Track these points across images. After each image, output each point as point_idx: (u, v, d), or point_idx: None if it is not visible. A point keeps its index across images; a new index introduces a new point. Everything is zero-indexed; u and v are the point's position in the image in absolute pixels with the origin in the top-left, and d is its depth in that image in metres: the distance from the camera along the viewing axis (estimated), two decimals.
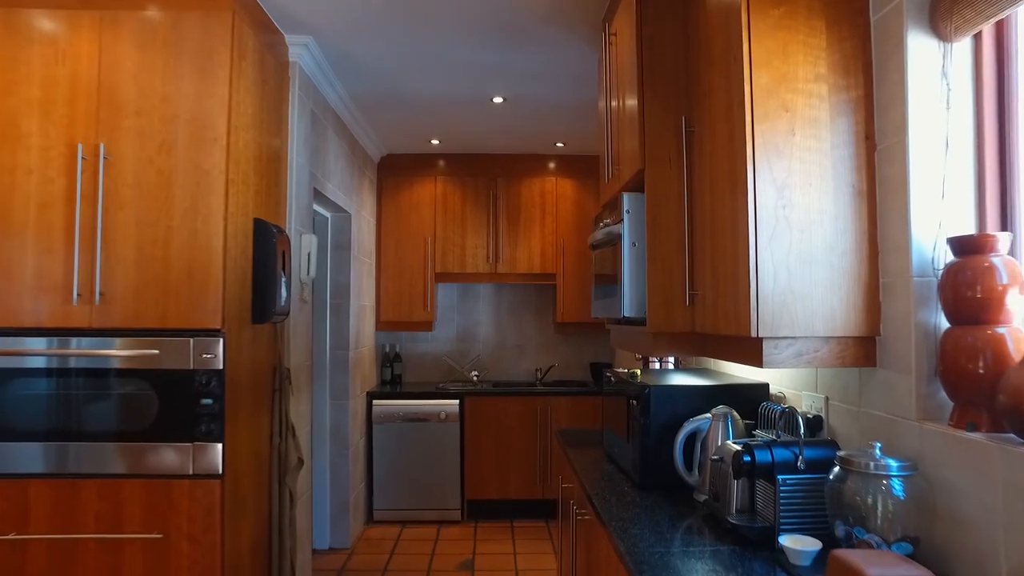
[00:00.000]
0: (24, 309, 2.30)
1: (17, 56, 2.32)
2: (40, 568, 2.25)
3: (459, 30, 2.90)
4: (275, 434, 2.72)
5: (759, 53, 1.57)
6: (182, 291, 2.29)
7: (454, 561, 3.98)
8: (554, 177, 5.12)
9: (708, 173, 1.83)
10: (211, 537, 2.27)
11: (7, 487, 2.26)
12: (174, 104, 2.33)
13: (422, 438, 4.70)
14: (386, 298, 5.01)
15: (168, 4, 2.36)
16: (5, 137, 2.30)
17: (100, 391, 2.29)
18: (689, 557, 1.49)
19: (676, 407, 2.03)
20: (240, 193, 2.43)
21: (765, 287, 1.53)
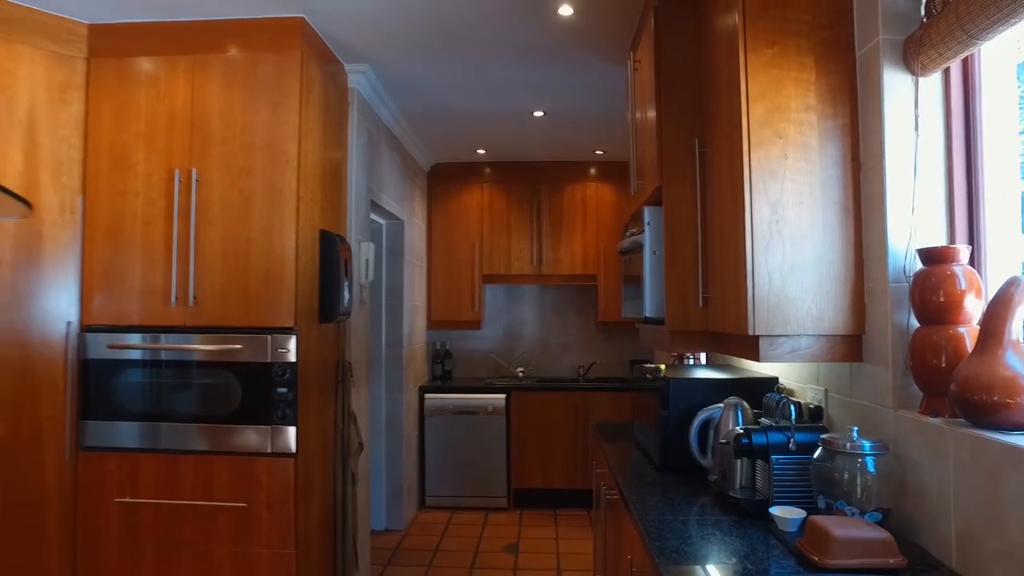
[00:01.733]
0: (132, 310, 2.70)
1: (128, 98, 2.73)
2: (149, 526, 2.66)
3: (500, 53, 3.19)
4: (339, 421, 3.07)
5: (754, 88, 1.81)
6: (260, 294, 2.66)
7: (500, 544, 4.29)
8: (594, 183, 5.37)
9: (717, 190, 2.07)
10: (286, 509, 2.63)
11: (122, 459, 2.68)
12: (252, 133, 2.69)
13: (471, 430, 5.02)
14: (437, 298, 5.35)
15: (247, 46, 2.73)
16: (118, 166, 2.71)
17: (194, 380, 2.67)
18: (694, 524, 1.74)
19: (693, 398, 2.28)
20: (308, 208, 2.78)
21: (761, 291, 1.77)
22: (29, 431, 2.62)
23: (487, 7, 2.71)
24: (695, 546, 1.57)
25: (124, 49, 2.77)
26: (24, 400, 2.61)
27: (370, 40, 3.02)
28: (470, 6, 2.70)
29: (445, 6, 2.70)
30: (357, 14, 2.75)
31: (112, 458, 2.71)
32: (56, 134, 2.69)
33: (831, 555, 1.41)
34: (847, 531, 1.43)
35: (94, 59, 2.78)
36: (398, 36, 2.98)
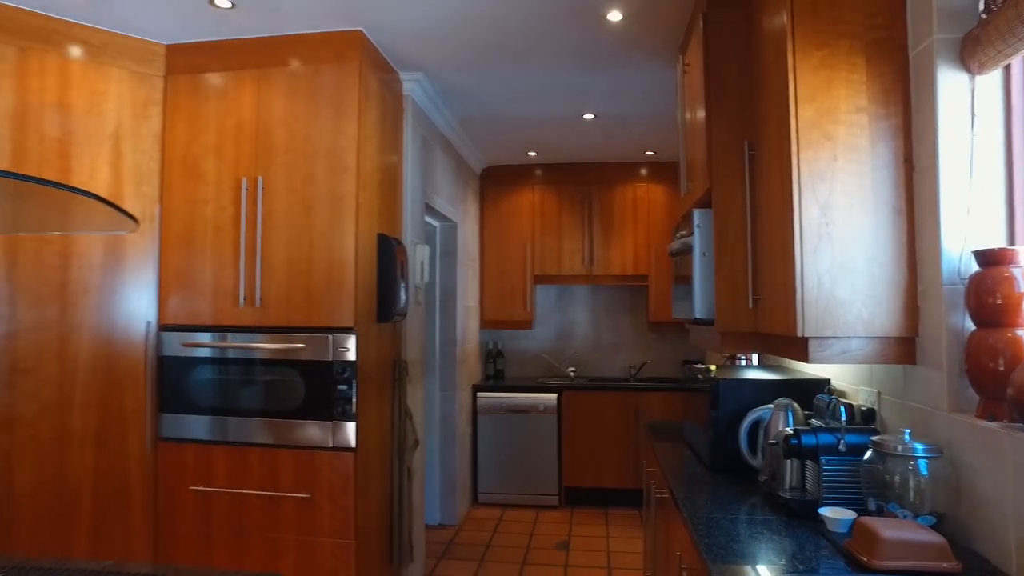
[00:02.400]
0: (204, 310, 2.88)
1: (199, 111, 2.91)
2: (221, 513, 2.82)
3: (551, 59, 3.25)
4: (395, 417, 3.19)
5: (803, 90, 1.82)
6: (322, 296, 2.79)
7: (551, 541, 4.34)
8: (645, 183, 5.37)
9: (766, 191, 2.08)
10: (347, 500, 2.75)
11: (196, 450, 2.86)
12: (314, 142, 2.83)
13: (523, 428, 5.09)
14: (489, 299, 5.45)
15: (309, 59, 2.86)
16: (191, 176, 2.89)
17: (260, 377, 2.83)
18: (743, 523, 1.77)
19: (743, 398, 2.29)
20: (367, 213, 2.90)
21: (810, 293, 1.78)
22: (116, 421, 2.82)
23: (538, 17, 2.77)
24: (743, 544, 1.60)
25: (197, 66, 2.95)
26: (111, 393, 2.81)
27: (425, 50, 3.12)
28: (522, 16, 2.77)
29: (497, 17, 2.77)
30: (413, 26, 2.85)
31: (188, 449, 2.89)
32: (138, 147, 2.89)
33: (880, 556, 1.41)
34: (897, 533, 1.44)
35: (171, 76, 2.96)
36: (452, 46, 3.07)
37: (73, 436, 2.74)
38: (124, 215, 0.86)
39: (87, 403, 2.78)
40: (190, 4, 2.64)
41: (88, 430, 2.78)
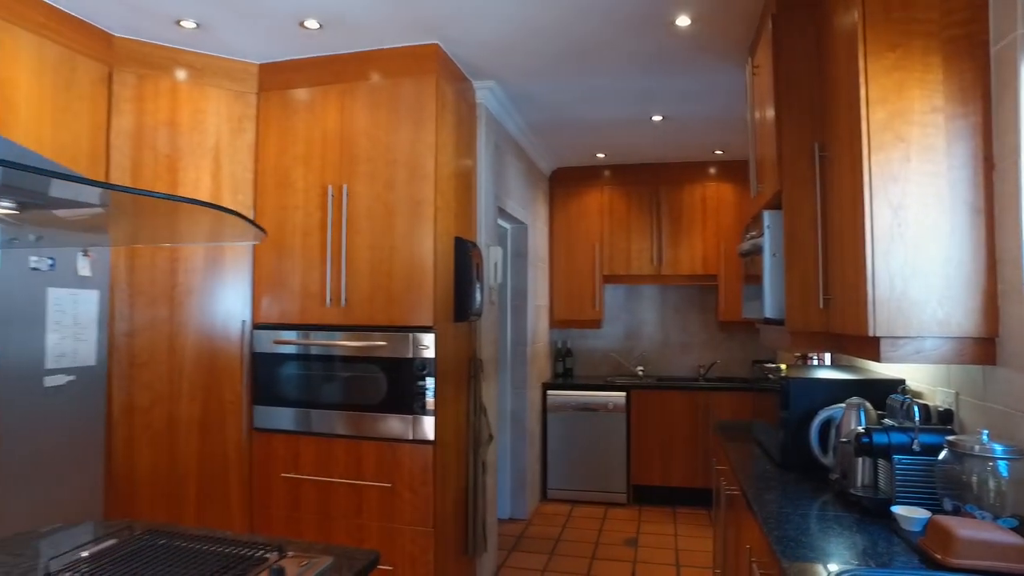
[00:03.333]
0: (293, 310, 3.09)
1: (289, 124, 3.12)
2: (309, 500, 3.03)
3: (620, 65, 3.31)
4: (471, 412, 3.33)
5: (875, 92, 1.83)
6: (403, 296, 2.95)
7: (620, 537, 4.40)
8: (714, 182, 5.34)
9: (837, 193, 2.09)
10: (426, 490, 2.91)
11: (286, 440, 3.07)
12: (394, 151, 2.99)
13: (591, 426, 5.16)
14: (558, 299, 5.54)
15: (389, 73, 3.03)
16: (281, 184, 3.11)
17: (345, 373, 3.01)
18: (814, 519, 1.80)
19: (814, 397, 2.30)
20: (444, 217, 3.05)
21: (881, 294, 1.79)
22: (216, 412, 3.07)
23: (608, 25, 2.84)
24: (814, 538, 1.64)
25: (286, 82, 3.17)
26: (212, 386, 3.06)
27: (497, 60, 3.24)
28: (591, 25, 2.85)
29: (568, 27, 2.86)
30: (486, 38, 2.98)
31: (278, 438, 3.11)
32: (234, 159, 3.13)
33: (955, 554, 1.43)
34: (974, 532, 1.45)
35: (263, 93, 3.19)
36: (523, 55, 3.19)
37: (181, 424, 3.01)
38: (256, 228, 1.01)
39: (192, 394, 3.03)
40: (282, 27, 2.85)
41: (193, 419, 3.03)
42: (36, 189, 0.86)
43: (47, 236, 1.66)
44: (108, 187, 0.80)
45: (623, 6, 2.68)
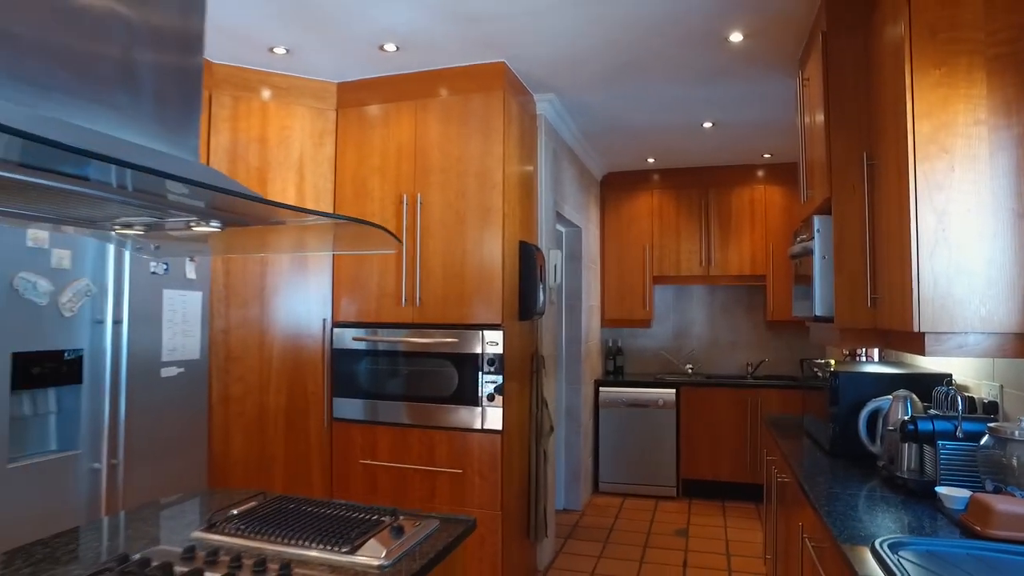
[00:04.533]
0: (371, 309, 3.36)
1: (365, 138, 3.40)
2: (385, 484, 3.30)
3: (673, 77, 3.50)
4: (533, 405, 3.56)
5: (920, 107, 1.99)
6: (473, 296, 3.19)
7: (670, 528, 4.57)
8: (763, 185, 5.46)
9: (884, 199, 2.25)
10: (494, 476, 3.14)
11: (363, 429, 3.35)
12: (465, 162, 3.24)
13: (642, 422, 5.34)
14: (609, 299, 5.73)
15: (459, 90, 3.28)
16: (359, 193, 3.39)
17: (419, 367, 3.27)
18: (862, 499, 1.97)
19: (862, 390, 2.46)
20: (511, 223, 3.28)
21: (926, 293, 1.95)
22: (300, 403, 3.36)
23: (663, 42, 3.03)
24: (863, 514, 1.82)
25: (362, 100, 3.44)
26: (297, 379, 3.36)
27: (557, 74, 3.47)
28: (648, 42, 3.05)
29: (625, 44, 3.06)
30: (548, 55, 3.20)
31: (356, 428, 3.39)
32: (316, 171, 3.42)
33: (992, 526, 1.60)
34: (1011, 507, 1.62)
35: (341, 109, 3.48)
36: (582, 70, 3.40)
37: (269, 413, 3.31)
38: (390, 235, 1.25)
39: (279, 387, 3.33)
40: (362, 50, 3.12)
41: (280, 409, 3.33)
42: (248, 212, 1.12)
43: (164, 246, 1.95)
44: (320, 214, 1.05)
45: (680, 24, 2.88)
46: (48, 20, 0.86)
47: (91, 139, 0.84)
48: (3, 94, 0.81)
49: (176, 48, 1.10)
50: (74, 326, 2.44)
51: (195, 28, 1.16)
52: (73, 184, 0.83)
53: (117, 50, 0.97)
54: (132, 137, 0.99)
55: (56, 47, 0.88)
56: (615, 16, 2.80)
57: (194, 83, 1.13)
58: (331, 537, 1.51)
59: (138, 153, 0.86)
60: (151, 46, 1.04)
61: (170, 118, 1.06)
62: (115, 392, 2.59)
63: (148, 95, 1.02)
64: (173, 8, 1.11)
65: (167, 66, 1.07)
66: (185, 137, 1.09)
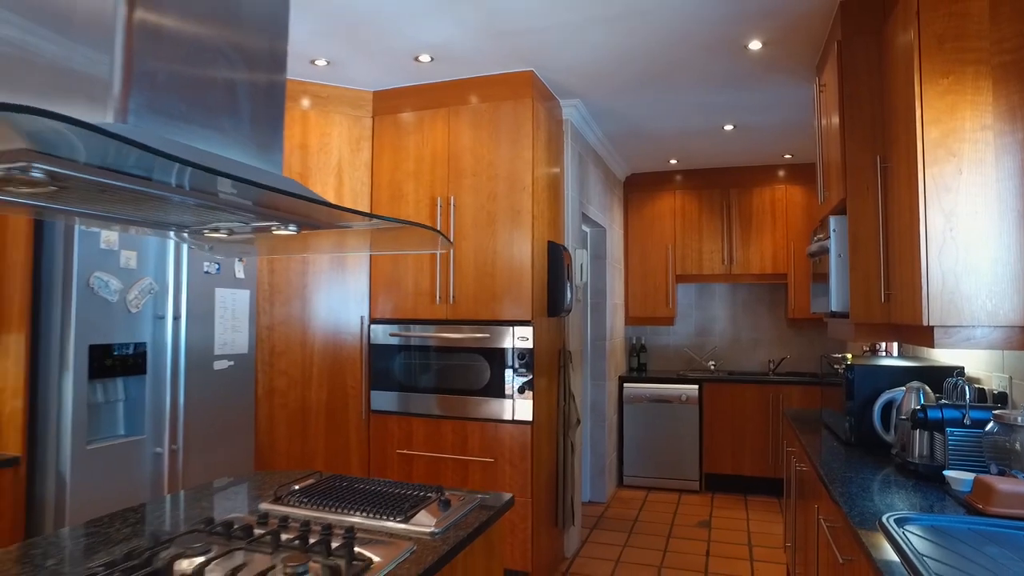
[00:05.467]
0: (406, 307, 3.55)
1: (401, 144, 3.59)
2: (420, 472, 3.48)
3: (695, 83, 3.64)
4: (561, 398, 3.71)
5: (929, 114, 2.11)
6: (503, 294, 3.36)
7: (693, 520, 4.70)
8: (784, 185, 5.56)
9: (896, 200, 2.38)
10: (525, 465, 3.31)
11: (399, 421, 3.53)
12: (496, 166, 3.41)
13: (665, 417, 5.47)
14: (633, 297, 5.87)
15: (489, 98, 3.45)
16: (394, 196, 3.58)
17: (452, 361, 3.45)
18: (875, 483, 2.10)
19: (876, 382, 2.58)
20: (539, 224, 3.45)
21: (935, 289, 2.08)
22: (340, 397, 3.56)
23: (685, 50, 3.17)
24: (875, 495, 1.95)
25: (397, 107, 3.63)
26: (337, 374, 3.55)
27: (583, 82, 3.62)
28: (671, 52, 3.19)
29: (648, 53, 3.21)
30: (574, 64, 3.36)
31: (392, 419, 3.58)
32: (353, 175, 3.62)
33: (994, 504, 1.73)
34: (1011, 486, 1.74)
35: (377, 117, 3.67)
36: (607, 78, 3.55)
37: (311, 406, 3.51)
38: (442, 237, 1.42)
39: (320, 381, 3.53)
40: (398, 61, 3.30)
41: (321, 402, 3.53)
42: (322, 218, 1.29)
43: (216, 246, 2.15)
44: (389, 220, 1.22)
45: (701, 34, 3.02)
46: (177, 59, 1.04)
47: (212, 160, 1.02)
48: (143, 123, 0.99)
49: (266, 71, 1.28)
50: (139, 321, 2.65)
51: (280, 50, 1.34)
52: (201, 199, 1.01)
53: (223, 79, 1.15)
54: (235, 155, 1.17)
55: (180, 82, 1.06)
56: (640, 30, 2.95)
57: (279, 101, 1.31)
58: (386, 509, 1.69)
59: (246, 170, 1.04)
60: (248, 72, 1.22)
61: (262, 135, 1.24)
62: (175, 383, 2.79)
63: (246, 117, 1.20)
64: (265, 33, 1.28)
65: (259, 88, 1.25)
66: (273, 152, 1.26)
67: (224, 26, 1.18)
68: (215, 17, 1.16)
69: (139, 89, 0.98)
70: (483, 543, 1.73)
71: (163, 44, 1.02)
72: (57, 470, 2.33)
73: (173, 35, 1.05)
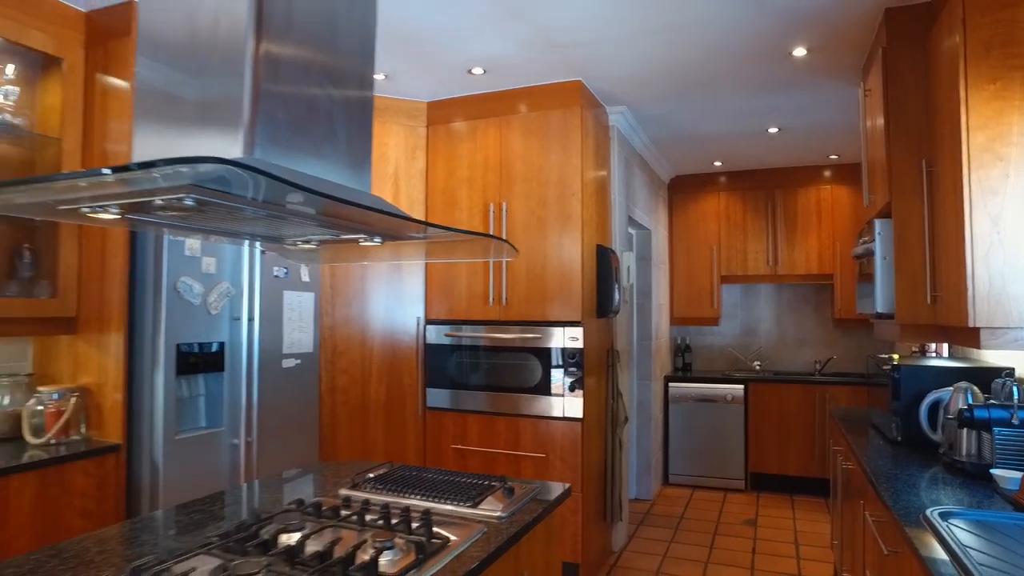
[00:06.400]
0: (460, 308, 3.71)
1: (454, 152, 3.75)
2: (475, 467, 3.64)
3: (739, 89, 3.71)
4: (609, 396, 3.83)
5: (975, 120, 2.17)
6: (554, 296, 3.49)
7: (739, 518, 4.75)
8: (829, 185, 5.56)
9: (942, 204, 2.43)
10: (575, 460, 3.43)
11: (455, 417, 3.70)
12: (546, 172, 3.54)
13: (710, 416, 5.52)
14: (678, 298, 5.94)
15: (539, 106, 3.58)
16: (448, 203, 3.74)
17: (504, 360, 3.59)
18: (921, 479, 2.16)
19: (923, 382, 2.63)
20: (588, 228, 3.57)
21: (981, 291, 2.13)
22: (398, 394, 3.74)
23: (729, 58, 3.26)
24: (920, 491, 2.02)
25: (450, 117, 3.79)
26: (395, 372, 3.74)
27: (629, 90, 3.73)
28: (716, 61, 3.27)
29: (693, 62, 3.30)
30: (621, 73, 3.47)
31: (448, 416, 3.74)
32: (409, 183, 3.79)
33: None
34: None
35: (431, 126, 3.84)
36: (653, 86, 3.65)
37: (370, 403, 3.69)
38: (509, 245, 1.56)
39: (379, 379, 3.72)
40: (453, 73, 3.46)
41: (380, 399, 3.71)
42: (403, 232, 1.45)
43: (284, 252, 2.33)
44: (467, 233, 1.37)
45: (746, 43, 3.10)
46: (291, 87, 1.21)
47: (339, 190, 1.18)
48: (267, 154, 1.15)
49: (357, 92, 1.44)
50: (218, 322, 2.86)
51: (369, 73, 1.49)
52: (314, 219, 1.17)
53: (324, 106, 1.31)
54: (333, 177, 1.33)
55: (293, 111, 1.22)
56: (686, 40, 3.05)
57: (368, 122, 1.46)
58: (456, 495, 1.84)
59: (357, 195, 1.20)
60: (343, 98, 1.38)
61: (354, 156, 1.40)
62: (249, 379, 3.00)
63: (342, 139, 1.36)
64: (357, 58, 1.44)
65: (353, 111, 1.41)
66: (363, 171, 1.42)
67: (326, 52, 1.33)
68: (320, 44, 1.31)
69: (263, 122, 1.15)
70: (544, 528, 1.87)
71: (281, 74, 1.18)
72: (151, 457, 2.56)
73: (288, 64, 1.22)
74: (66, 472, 2.35)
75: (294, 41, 1.22)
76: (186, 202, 1.02)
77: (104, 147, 2.63)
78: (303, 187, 0.91)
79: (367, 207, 1.16)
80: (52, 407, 2.51)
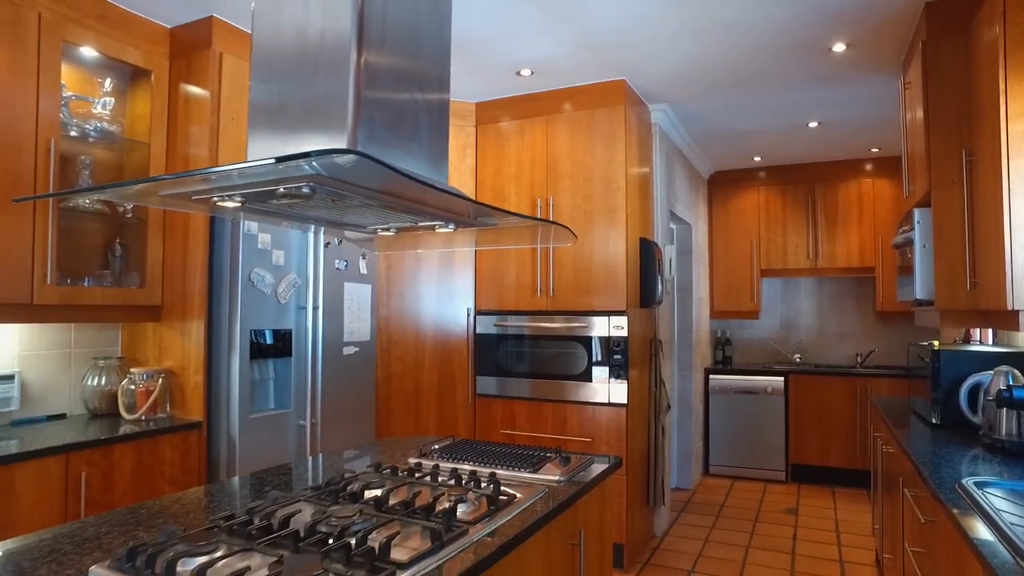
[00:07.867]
0: (509, 299, 3.88)
1: (503, 150, 3.92)
2: None
3: (780, 85, 3.80)
4: (652, 384, 3.95)
5: (1014, 109, 2.25)
6: (600, 287, 3.63)
7: (780, 507, 4.82)
8: (870, 178, 5.57)
9: (981, 192, 2.50)
10: (620, 444, 3.57)
11: (503, 403, 3.87)
12: (592, 168, 3.69)
13: (751, 408, 5.59)
14: (718, 291, 6.01)
15: (584, 105, 3.73)
16: (497, 199, 3.91)
17: (551, 349, 3.75)
18: (960, 458, 2.25)
19: (963, 366, 2.70)
20: (632, 222, 3.70)
21: (1019, 274, 2.21)
22: (449, 381, 3.93)
23: (770, 55, 3.36)
24: (958, 466, 2.11)
25: (497, 116, 3.96)
26: (446, 360, 3.92)
27: (670, 88, 3.85)
28: (756, 58, 3.38)
29: (734, 59, 3.41)
30: (663, 72, 3.59)
31: (496, 403, 3.91)
32: (459, 180, 3.97)
33: None
34: None
35: (480, 126, 4.02)
36: (694, 84, 3.77)
37: (423, 390, 3.89)
38: (568, 231, 1.72)
39: (431, 367, 3.91)
40: (501, 75, 3.63)
41: (432, 386, 3.90)
42: (478, 219, 1.62)
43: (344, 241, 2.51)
44: (531, 219, 1.53)
45: (786, 39, 3.20)
46: (385, 92, 1.39)
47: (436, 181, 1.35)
48: (365, 150, 1.33)
49: (437, 95, 1.61)
50: (286, 311, 3.08)
51: (446, 74, 1.66)
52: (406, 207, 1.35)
53: (411, 108, 1.49)
54: (419, 171, 1.50)
55: (387, 112, 1.40)
56: (727, 40, 3.16)
57: (445, 121, 1.63)
58: (516, 463, 2.00)
59: (441, 184, 1.37)
60: (425, 99, 1.55)
61: (434, 152, 1.58)
62: (313, 365, 3.22)
63: (424, 137, 1.54)
64: (436, 61, 1.61)
65: (433, 111, 1.58)
66: (442, 165, 1.60)
67: (412, 59, 1.51)
68: (407, 52, 1.49)
69: (363, 123, 1.33)
70: (598, 493, 2.02)
71: (377, 80, 1.36)
72: (228, 434, 2.78)
73: (383, 71, 1.39)
74: (156, 444, 2.58)
75: (388, 51, 1.39)
76: (303, 190, 1.20)
77: (186, 151, 2.87)
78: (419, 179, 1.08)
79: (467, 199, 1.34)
80: (142, 387, 2.76)
